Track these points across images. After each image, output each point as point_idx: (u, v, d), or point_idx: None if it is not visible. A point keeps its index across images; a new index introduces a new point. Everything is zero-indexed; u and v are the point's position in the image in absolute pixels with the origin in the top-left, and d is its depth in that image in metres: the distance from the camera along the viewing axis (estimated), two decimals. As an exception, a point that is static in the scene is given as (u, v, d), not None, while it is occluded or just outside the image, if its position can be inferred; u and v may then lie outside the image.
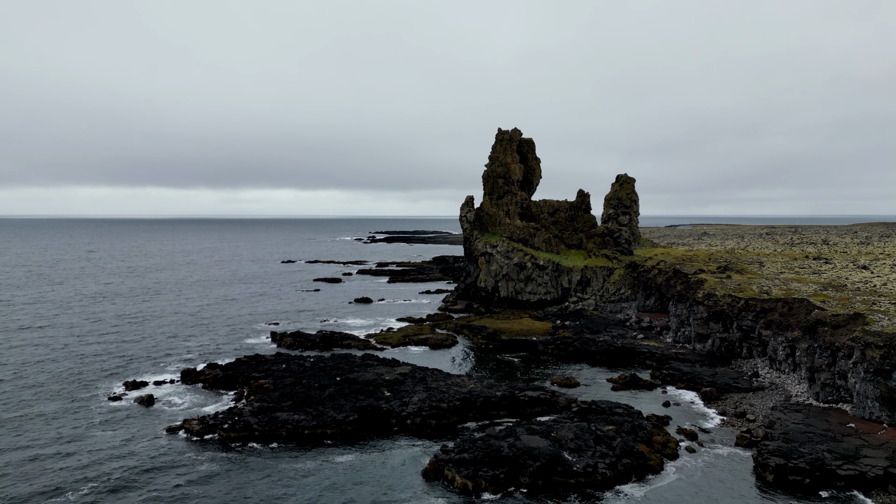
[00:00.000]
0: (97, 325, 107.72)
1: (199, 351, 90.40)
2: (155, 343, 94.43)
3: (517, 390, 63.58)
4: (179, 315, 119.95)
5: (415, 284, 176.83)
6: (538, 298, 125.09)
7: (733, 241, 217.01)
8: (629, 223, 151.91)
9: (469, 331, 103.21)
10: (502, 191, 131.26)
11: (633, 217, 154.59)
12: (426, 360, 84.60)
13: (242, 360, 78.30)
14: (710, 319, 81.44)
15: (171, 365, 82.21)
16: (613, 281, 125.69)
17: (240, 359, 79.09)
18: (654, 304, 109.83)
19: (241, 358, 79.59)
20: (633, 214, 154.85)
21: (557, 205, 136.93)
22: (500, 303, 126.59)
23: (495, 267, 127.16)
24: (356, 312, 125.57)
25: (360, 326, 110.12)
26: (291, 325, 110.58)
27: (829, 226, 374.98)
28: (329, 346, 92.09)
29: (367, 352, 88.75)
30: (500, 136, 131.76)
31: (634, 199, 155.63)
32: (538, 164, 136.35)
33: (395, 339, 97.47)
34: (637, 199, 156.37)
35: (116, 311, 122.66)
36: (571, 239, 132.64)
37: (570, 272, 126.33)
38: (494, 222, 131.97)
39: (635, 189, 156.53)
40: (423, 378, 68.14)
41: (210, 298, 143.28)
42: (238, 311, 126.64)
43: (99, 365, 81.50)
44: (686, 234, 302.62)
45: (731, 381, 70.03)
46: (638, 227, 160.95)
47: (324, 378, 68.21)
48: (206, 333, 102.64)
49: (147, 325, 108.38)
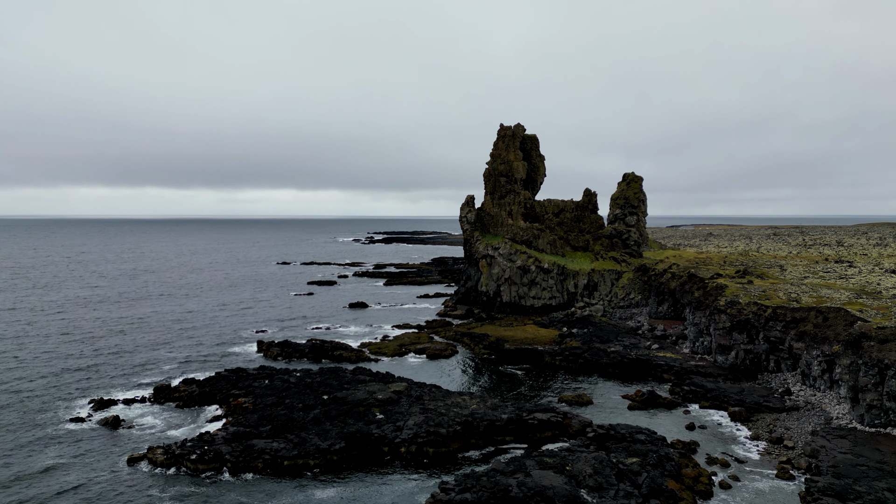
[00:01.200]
0: (74, 334, 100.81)
1: (180, 362, 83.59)
2: (133, 354, 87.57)
3: (525, 412, 56.79)
4: (164, 322, 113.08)
5: (413, 288, 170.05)
6: (543, 304, 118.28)
7: (741, 242, 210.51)
8: (637, 224, 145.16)
9: (470, 339, 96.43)
10: (504, 190, 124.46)
11: (640, 217, 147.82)
12: (423, 374, 77.81)
13: (222, 374, 71.51)
14: (734, 329, 74.66)
15: (147, 378, 75.44)
16: (622, 285, 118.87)
17: (220, 373, 72.31)
18: (667, 311, 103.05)
19: (221, 372, 72.78)
20: (640, 215, 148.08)
21: (563, 205, 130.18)
22: (503, 308, 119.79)
23: (497, 270, 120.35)
24: (350, 318, 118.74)
25: (353, 334, 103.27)
26: (281, 333, 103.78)
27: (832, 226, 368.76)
28: (319, 358, 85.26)
29: (360, 364, 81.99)
30: (503, 131, 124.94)
31: (642, 198, 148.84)
32: (542, 162, 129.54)
33: (391, 348, 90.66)
34: (645, 198, 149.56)
35: (98, 318, 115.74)
36: (577, 241, 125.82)
37: (576, 276, 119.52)
38: (496, 223, 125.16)
39: (643, 188, 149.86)
40: (419, 397, 61.33)
41: (199, 303, 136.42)
42: (226, 316, 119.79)
43: (68, 379, 74.67)
44: (690, 234, 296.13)
45: (762, 400, 63.26)
46: (646, 228, 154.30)
47: (309, 397, 61.39)
48: (189, 342, 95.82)
49: (128, 334, 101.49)
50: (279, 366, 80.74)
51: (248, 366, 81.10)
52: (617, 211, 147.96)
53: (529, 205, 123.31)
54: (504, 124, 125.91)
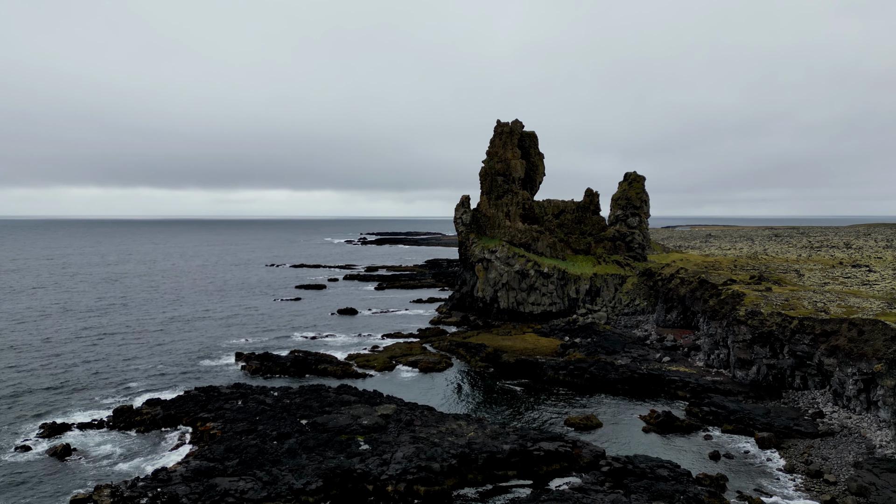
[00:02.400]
0: (41, 346, 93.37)
1: (150, 377, 76.49)
2: (101, 368, 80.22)
3: (529, 441, 50.08)
4: (141, 331, 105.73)
5: (405, 292, 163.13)
6: (542, 310, 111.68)
7: (743, 244, 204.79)
8: (640, 225, 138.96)
9: (465, 350, 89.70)
10: (502, 189, 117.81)
11: (643, 219, 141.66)
12: (415, 390, 71.01)
13: (192, 393, 64.47)
14: (755, 342, 68.23)
15: (111, 397, 68.36)
16: (626, 291, 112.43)
17: (189, 392, 65.28)
18: (676, 319, 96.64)
19: (191, 391, 65.73)
20: (643, 216, 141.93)
21: (563, 205, 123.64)
22: (500, 315, 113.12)
23: (494, 275, 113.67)
24: (338, 326, 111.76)
25: (340, 345, 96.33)
26: (263, 343, 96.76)
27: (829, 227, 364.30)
28: (301, 372, 78.30)
29: (346, 381, 75.12)
30: (500, 128, 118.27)
31: (645, 198, 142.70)
32: (541, 161, 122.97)
33: (381, 361, 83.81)
34: (647, 198, 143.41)
35: (70, 327, 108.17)
36: (579, 243, 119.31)
37: (577, 280, 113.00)
38: (493, 225, 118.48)
39: (645, 188, 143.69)
40: (409, 422, 54.54)
41: (181, 309, 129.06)
42: (206, 324, 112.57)
43: (25, 399, 67.43)
44: (688, 235, 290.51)
45: (791, 423, 56.82)
46: (648, 230, 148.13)
47: (286, 422, 54.49)
48: (164, 354, 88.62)
49: (99, 345, 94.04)
50: (257, 382, 73.73)
51: (224, 381, 74.13)
52: (618, 212, 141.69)
53: (528, 205, 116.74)
54: (501, 120, 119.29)
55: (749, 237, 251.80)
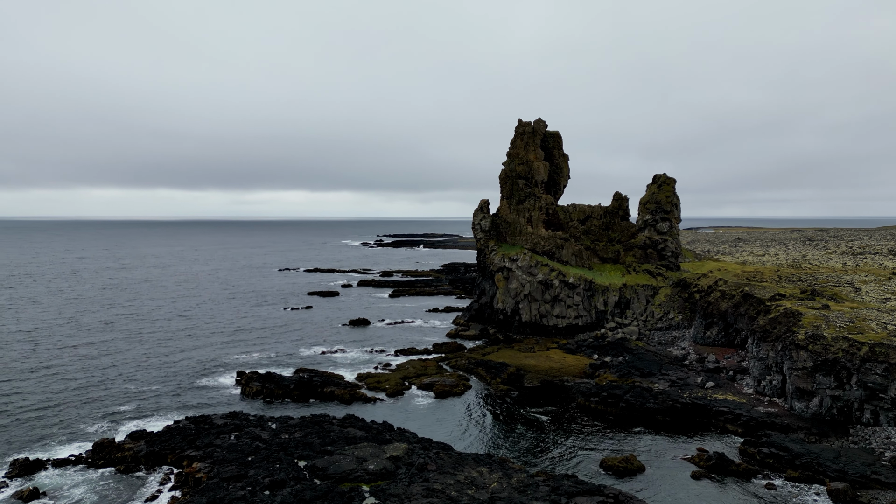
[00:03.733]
0: (29, 366, 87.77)
1: (141, 399, 70.19)
2: (91, 387, 74.08)
3: (563, 495, 42.51)
4: (142, 342, 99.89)
5: (421, 300, 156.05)
6: (568, 323, 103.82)
7: (776, 248, 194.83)
8: (670, 231, 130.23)
9: (485, 370, 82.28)
10: (523, 194, 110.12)
11: (673, 224, 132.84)
12: (430, 421, 63.76)
13: (182, 424, 57.88)
14: (818, 371, 59.87)
15: (95, 423, 62.16)
16: (659, 303, 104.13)
17: (179, 422, 58.70)
18: (716, 336, 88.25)
19: (181, 421, 59.14)
20: (673, 221, 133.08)
21: (590, 210, 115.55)
22: (522, 328, 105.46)
23: (515, 285, 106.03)
24: (349, 339, 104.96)
25: (349, 362, 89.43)
26: (269, 358, 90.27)
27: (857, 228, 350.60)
28: (306, 396, 71.43)
29: (353, 407, 68.09)
30: (521, 128, 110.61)
31: (675, 202, 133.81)
32: (566, 162, 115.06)
33: (392, 382, 76.73)
34: (678, 202, 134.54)
35: (68, 341, 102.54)
36: (606, 251, 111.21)
37: (605, 292, 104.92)
38: (514, 231, 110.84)
39: (675, 191, 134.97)
40: (423, 466, 47.26)
41: (187, 319, 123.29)
42: (212, 336, 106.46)
43: (5, 426, 61.47)
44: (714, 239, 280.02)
45: (868, 470, 48.57)
46: (679, 236, 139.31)
47: (281, 466, 47.53)
48: (160, 370, 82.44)
49: (97, 359, 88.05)
50: (255, 410, 66.99)
51: (220, 407, 67.60)
52: (647, 217, 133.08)
53: (552, 210, 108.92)
54: (523, 120, 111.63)
55: (781, 241, 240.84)
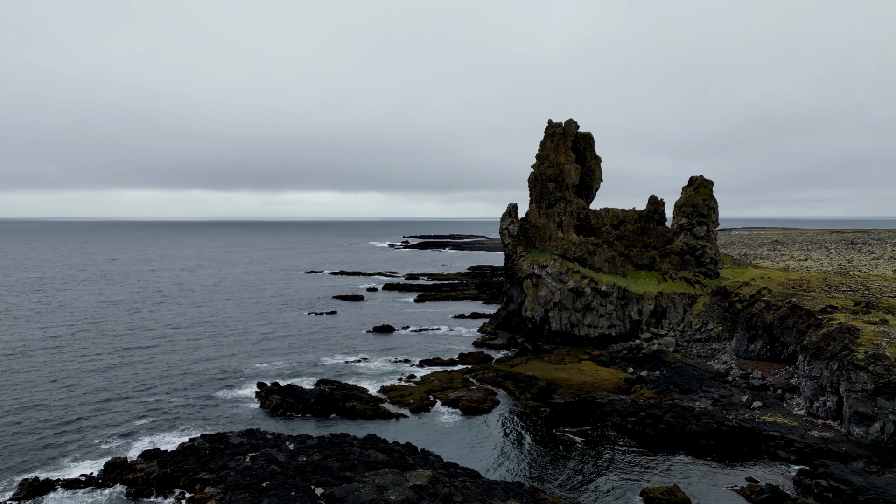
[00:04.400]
0: (50, 375, 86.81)
1: (158, 412, 68.15)
2: (110, 398, 72.24)
3: (602, 537, 38.52)
4: (164, 350, 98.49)
5: (447, 305, 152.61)
6: (600, 333, 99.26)
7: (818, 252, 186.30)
8: (707, 235, 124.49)
9: (513, 384, 78.42)
10: (553, 197, 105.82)
11: (711, 228, 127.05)
12: (455, 442, 60.22)
13: (197, 442, 55.43)
14: (880, 394, 54.66)
15: (110, 440, 60.13)
16: (697, 312, 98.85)
17: (194, 440, 56.29)
18: (761, 350, 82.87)
19: (196, 439, 56.72)
20: (710, 225, 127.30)
21: (623, 215, 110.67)
22: (551, 337, 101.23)
23: (545, 293, 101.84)
24: (372, 348, 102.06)
25: (373, 372, 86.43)
26: (290, 367, 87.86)
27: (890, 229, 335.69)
28: (326, 411, 68.55)
29: (376, 424, 64.92)
30: (552, 129, 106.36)
31: (713, 205, 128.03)
32: (598, 165, 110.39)
33: (417, 396, 73.42)
34: (716, 205, 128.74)
35: (87, 352, 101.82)
36: (641, 258, 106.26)
37: (640, 300, 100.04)
38: (543, 236, 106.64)
39: (713, 194, 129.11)
40: (448, 497, 43.73)
41: (210, 326, 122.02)
42: (235, 343, 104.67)
43: (18, 441, 59.92)
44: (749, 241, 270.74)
45: (945, 511, 43.45)
46: (717, 241, 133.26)
47: (297, 493, 44.48)
48: (180, 380, 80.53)
49: (118, 367, 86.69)
50: (273, 426, 64.27)
51: (239, 422, 65.18)
52: (683, 220, 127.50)
53: (583, 215, 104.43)
54: (553, 121, 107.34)
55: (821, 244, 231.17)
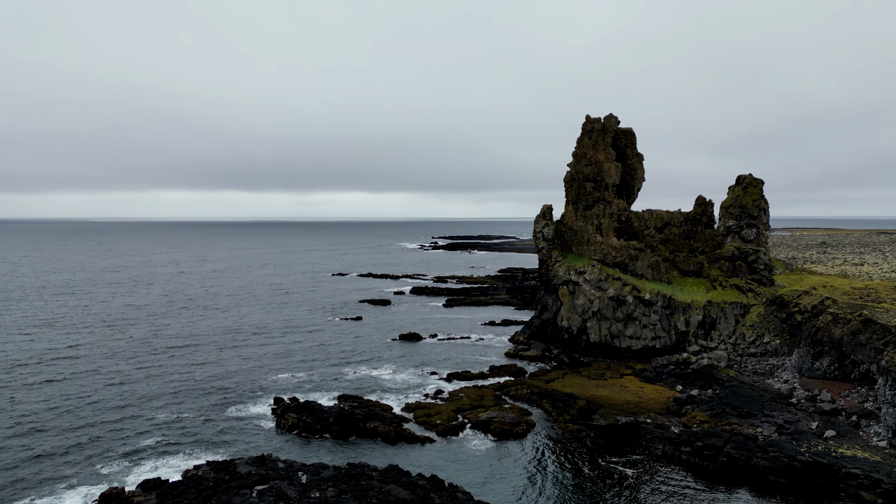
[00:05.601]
0: (63, 390, 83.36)
1: (165, 430, 63.49)
2: (113, 421, 66.60)
3: None
4: (179, 362, 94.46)
5: (476, 310, 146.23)
6: (643, 345, 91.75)
7: (872, 255, 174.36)
8: (757, 239, 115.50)
9: (550, 402, 71.73)
10: (591, 198, 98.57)
11: (761, 231, 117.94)
12: (486, 473, 53.89)
13: (202, 471, 50.33)
14: None
15: (107, 466, 55.23)
16: (750, 323, 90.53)
17: (200, 468, 51.25)
18: (827, 368, 74.43)
19: (201, 467, 51.64)
20: (761, 227, 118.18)
21: (668, 217, 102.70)
22: (590, 349, 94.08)
23: (582, 301, 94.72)
24: (398, 358, 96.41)
25: (398, 386, 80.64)
26: (310, 380, 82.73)
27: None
28: (345, 433, 62.92)
29: (398, 450, 58.98)
30: (589, 125, 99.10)
31: (763, 206, 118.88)
32: (640, 163, 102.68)
33: (444, 416, 67.31)
34: (767, 206, 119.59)
35: (103, 365, 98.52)
36: (688, 263, 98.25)
37: (687, 309, 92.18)
38: (581, 240, 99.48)
39: (763, 194, 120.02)
40: (479, 551, 37.45)
41: (232, 333, 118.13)
42: (255, 350, 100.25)
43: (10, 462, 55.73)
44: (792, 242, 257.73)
45: None
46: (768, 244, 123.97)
47: (305, 541, 38.76)
48: (193, 397, 75.82)
49: (125, 387, 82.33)
50: (287, 449, 58.86)
51: (251, 444, 60.07)
52: (730, 223, 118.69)
53: (624, 217, 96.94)
54: (591, 116, 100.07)
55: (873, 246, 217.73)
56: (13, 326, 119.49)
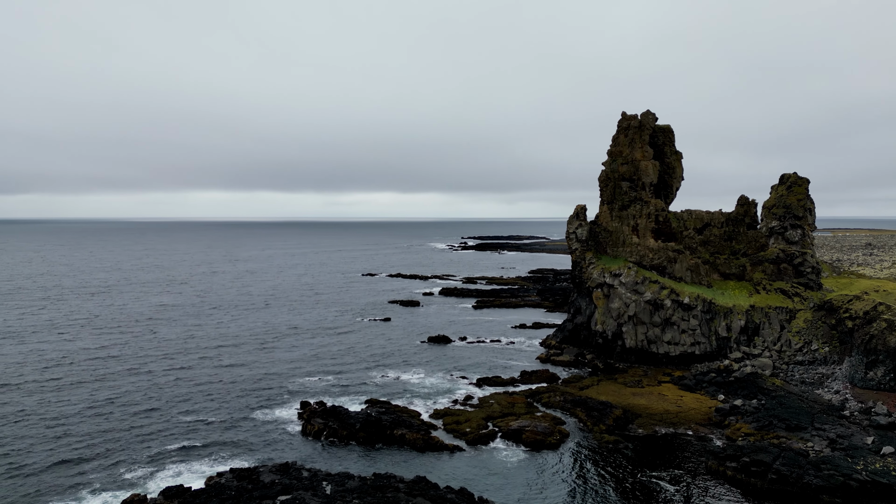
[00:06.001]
0: (91, 392, 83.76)
1: (190, 434, 62.69)
2: (140, 424, 65.73)
3: None
4: (209, 359, 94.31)
5: (506, 312, 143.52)
6: (681, 352, 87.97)
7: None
8: (802, 240, 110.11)
9: (584, 411, 68.84)
10: (628, 198, 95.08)
11: (806, 232, 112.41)
12: (518, 487, 51.45)
13: (225, 479, 49.21)
14: None
15: (130, 471, 54.34)
16: (797, 330, 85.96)
17: (223, 475, 50.19)
18: (882, 378, 69.78)
19: (224, 474, 50.56)
20: (806, 228, 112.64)
21: (708, 217, 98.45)
22: (625, 355, 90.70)
23: (618, 304, 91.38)
24: (426, 361, 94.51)
25: (426, 391, 78.67)
26: (338, 384, 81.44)
27: None
28: (372, 439, 61.23)
29: (426, 459, 56.97)
30: (626, 122, 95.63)
31: (809, 206, 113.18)
32: (679, 161, 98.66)
33: (474, 424, 65.07)
34: (813, 206, 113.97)
35: (133, 365, 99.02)
36: (729, 266, 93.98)
37: (728, 314, 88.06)
38: (616, 241, 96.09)
39: (809, 194, 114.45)
40: (511, 574, 35.10)
41: (261, 335, 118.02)
42: (283, 353, 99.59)
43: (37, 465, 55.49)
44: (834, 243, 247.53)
45: None
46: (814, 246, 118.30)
47: (328, 558, 36.98)
48: (220, 399, 75.03)
49: (154, 389, 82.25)
50: (313, 457, 57.35)
51: (276, 449, 58.85)
52: (773, 223, 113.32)
53: (662, 217, 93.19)
54: (627, 113, 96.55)
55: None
56: (51, 325, 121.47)
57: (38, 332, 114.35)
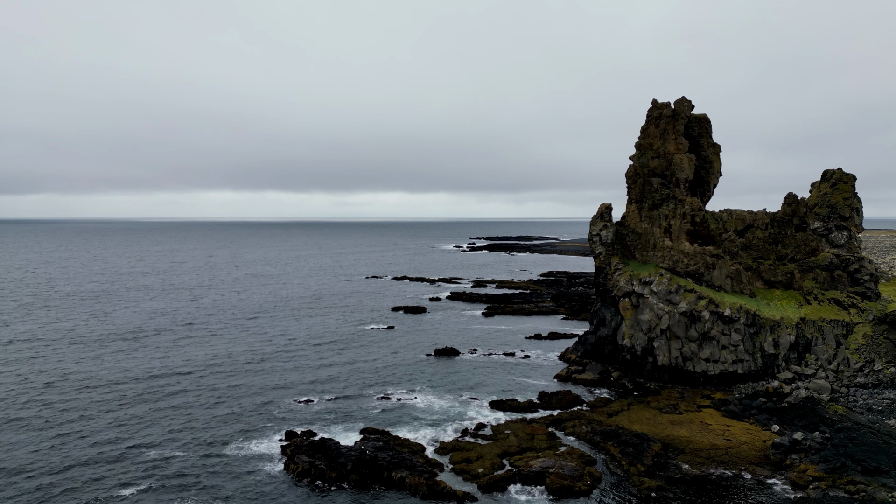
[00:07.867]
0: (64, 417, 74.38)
1: (150, 479, 52.72)
2: (98, 463, 56.88)
3: None
4: (192, 384, 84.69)
5: (519, 321, 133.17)
6: (721, 370, 77.43)
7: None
8: (849, 243, 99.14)
9: (617, 446, 58.52)
10: (659, 196, 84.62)
11: (853, 234, 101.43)
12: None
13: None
14: None
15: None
16: (856, 346, 75.20)
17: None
18: (973, 409, 58.91)
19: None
20: (853, 230, 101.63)
21: (751, 218, 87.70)
22: (657, 373, 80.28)
23: (648, 316, 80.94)
24: (432, 378, 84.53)
25: (431, 417, 68.60)
26: (330, 408, 71.55)
27: None
28: (366, 482, 51.32)
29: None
30: (657, 111, 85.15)
31: (856, 206, 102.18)
32: (717, 155, 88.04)
33: (487, 462, 54.96)
34: (860, 206, 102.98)
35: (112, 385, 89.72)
36: (775, 273, 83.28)
37: (776, 328, 77.40)
38: (646, 245, 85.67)
39: (856, 192, 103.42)
40: None
41: (252, 347, 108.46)
42: (274, 367, 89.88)
43: None
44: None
45: None
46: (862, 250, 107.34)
47: None
48: (192, 431, 64.98)
49: (124, 413, 73.17)
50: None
51: (252, 496, 48.95)
52: (816, 224, 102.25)
53: (699, 218, 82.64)
54: (658, 101, 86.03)
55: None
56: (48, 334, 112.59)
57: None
